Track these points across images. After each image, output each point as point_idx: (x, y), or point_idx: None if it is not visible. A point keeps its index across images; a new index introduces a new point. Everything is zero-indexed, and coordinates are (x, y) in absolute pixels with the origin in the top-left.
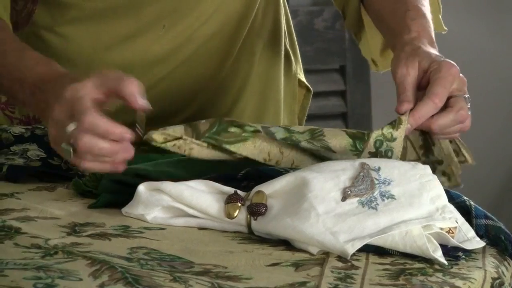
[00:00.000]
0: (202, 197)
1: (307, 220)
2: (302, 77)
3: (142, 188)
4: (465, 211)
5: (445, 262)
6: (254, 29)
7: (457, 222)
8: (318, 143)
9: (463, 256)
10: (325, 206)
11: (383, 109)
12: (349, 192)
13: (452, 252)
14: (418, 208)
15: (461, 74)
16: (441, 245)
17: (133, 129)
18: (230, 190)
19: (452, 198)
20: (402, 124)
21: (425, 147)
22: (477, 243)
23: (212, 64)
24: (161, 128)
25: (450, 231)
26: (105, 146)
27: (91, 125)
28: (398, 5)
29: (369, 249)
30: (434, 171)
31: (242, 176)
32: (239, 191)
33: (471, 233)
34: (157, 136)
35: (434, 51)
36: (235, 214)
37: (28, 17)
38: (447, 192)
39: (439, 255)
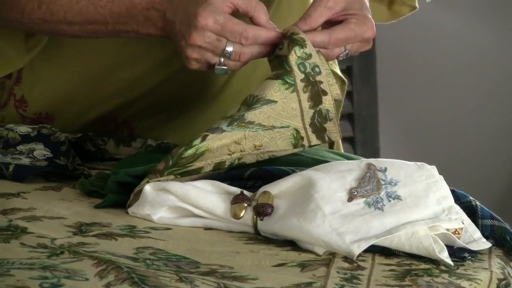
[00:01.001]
0: (208, 197)
1: (313, 221)
2: (335, 68)
3: (148, 188)
4: (471, 212)
5: (451, 263)
6: (279, 17)
7: (463, 223)
8: (257, 103)
9: (469, 257)
10: (331, 207)
11: (389, 110)
12: (356, 192)
13: (458, 253)
14: (424, 209)
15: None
16: (447, 246)
17: None
18: (236, 190)
19: (458, 199)
20: (306, 41)
21: None
22: (483, 244)
23: None
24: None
25: (456, 232)
26: (263, 51)
27: (254, 38)
28: None
29: (375, 250)
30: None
31: (248, 175)
32: (245, 192)
33: (477, 234)
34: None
35: None
36: (241, 215)
37: None
38: (453, 192)
39: (445, 256)
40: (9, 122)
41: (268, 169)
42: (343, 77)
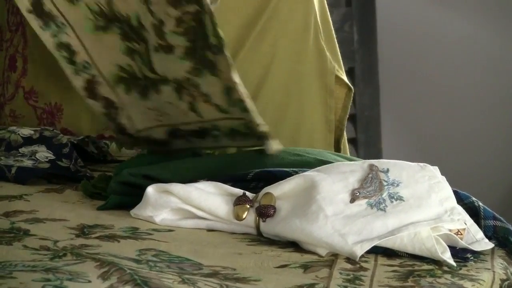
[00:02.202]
0: (211, 199)
1: (316, 222)
2: (341, 75)
3: (150, 190)
4: (474, 212)
5: (454, 264)
6: (278, 22)
7: (465, 224)
8: None
9: (472, 258)
10: (333, 208)
11: (392, 111)
12: (358, 193)
13: (461, 254)
14: (427, 209)
15: None
16: (449, 246)
17: None
18: (238, 191)
19: (460, 199)
20: None
21: None
22: (486, 245)
23: None
24: None
25: (459, 233)
26: None
27: None
28: None
29: (377, 251)
30: None
31: (251, 177)
32: (247, 193)
33: (480, 234)
34: None
35: None
36: (244, 216)
37: None
38: (455, 193)
39: (447, 257)
40: (20, 114)
41: (271, 171)
42: (349, 84)
